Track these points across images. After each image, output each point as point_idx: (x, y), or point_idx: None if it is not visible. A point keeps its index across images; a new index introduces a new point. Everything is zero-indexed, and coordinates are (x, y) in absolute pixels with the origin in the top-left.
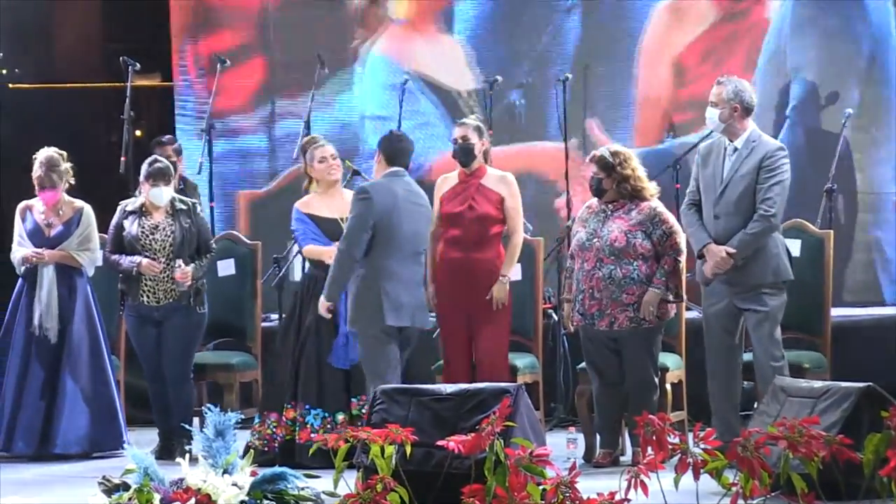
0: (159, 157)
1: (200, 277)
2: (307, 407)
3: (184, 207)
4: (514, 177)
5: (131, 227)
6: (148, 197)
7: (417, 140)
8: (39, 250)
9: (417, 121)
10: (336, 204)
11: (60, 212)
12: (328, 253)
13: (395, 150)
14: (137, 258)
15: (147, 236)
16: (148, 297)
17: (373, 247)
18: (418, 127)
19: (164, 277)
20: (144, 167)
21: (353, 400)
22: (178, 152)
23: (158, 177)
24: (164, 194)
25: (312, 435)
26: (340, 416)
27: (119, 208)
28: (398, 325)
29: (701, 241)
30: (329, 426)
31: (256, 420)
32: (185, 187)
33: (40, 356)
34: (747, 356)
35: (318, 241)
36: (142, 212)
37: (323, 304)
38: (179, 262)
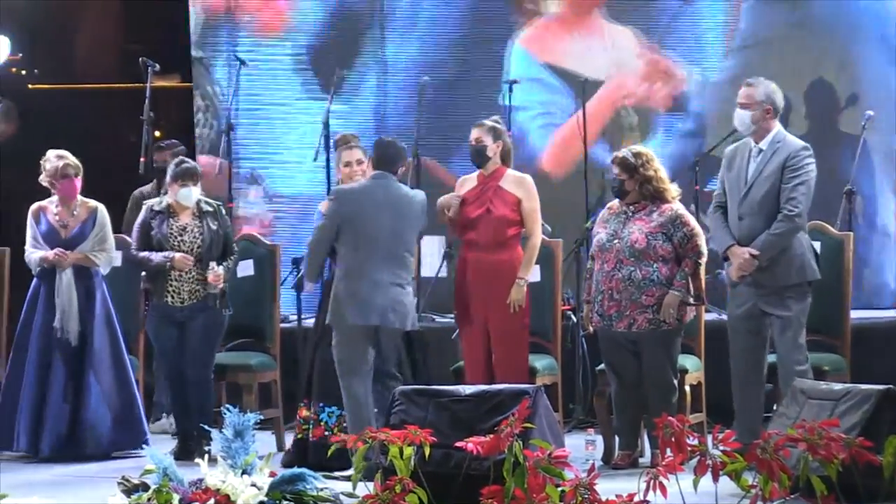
0: (185, 158)
1: (229, 279)
2: (321, 405)
3: (210, 209)
4: None
5: (160, 226)
6: (176, 197)
7: (535, 132)
8: (64, 251)
9: (537, 111)
10: None
11: (75, 212)
12: None
13: (382, 154)
14: (170, 253)
15: (175, 237)
16: (173, 297)
17: (345, 247)
18: (540, 116)
19: (189, 278)
20: (171, 168)
21: None
22: (177, 157)
23: (187, 177)
24: (193, 194)
25: (326, 433)
26: None
27: (145, 207)
28: (363, 323)
29: (725, 243)
30: (344, 424)
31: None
32: None
33: (61, 358)
34: (771, 358)
35: None
36: (169, 213)
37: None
38: (213, 264)
